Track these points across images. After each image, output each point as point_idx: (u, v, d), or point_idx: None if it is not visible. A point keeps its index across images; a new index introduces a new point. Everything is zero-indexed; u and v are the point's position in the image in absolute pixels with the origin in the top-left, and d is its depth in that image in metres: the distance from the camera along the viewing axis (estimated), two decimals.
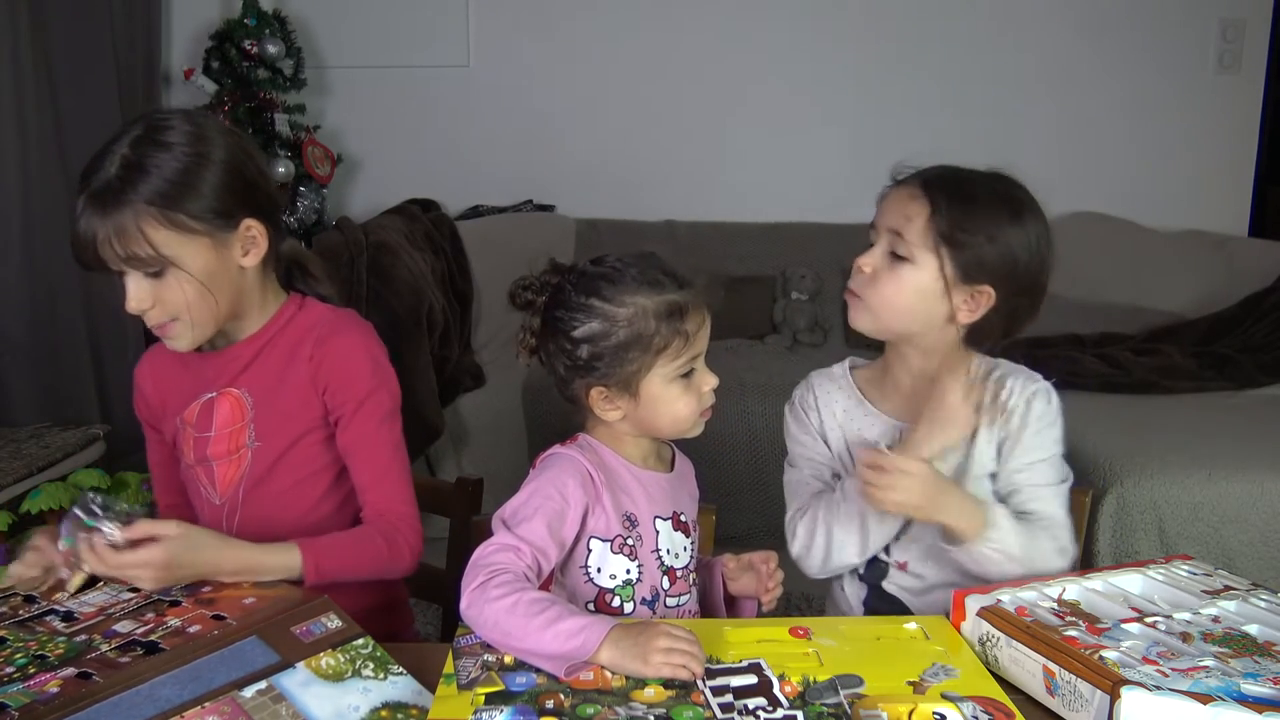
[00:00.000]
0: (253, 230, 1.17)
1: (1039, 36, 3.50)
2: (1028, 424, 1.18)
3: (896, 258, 1.15)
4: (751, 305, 3.34)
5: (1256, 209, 3.64)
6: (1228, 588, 1.03)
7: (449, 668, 0.90)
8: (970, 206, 1.14)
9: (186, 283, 1.12)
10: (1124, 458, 2.19)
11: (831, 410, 1.29)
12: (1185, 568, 1.09)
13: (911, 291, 1.16)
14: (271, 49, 3.20)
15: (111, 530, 1.02)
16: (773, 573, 1.16)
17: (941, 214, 1.13)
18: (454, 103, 3.57)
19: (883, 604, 1.25)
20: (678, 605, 1.13)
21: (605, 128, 3.59)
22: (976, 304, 1.16)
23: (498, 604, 0.93)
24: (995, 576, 1.10)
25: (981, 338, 1.21)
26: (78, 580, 1.05)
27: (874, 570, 1.25)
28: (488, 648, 0.94)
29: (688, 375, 1.10)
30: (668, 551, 1.12)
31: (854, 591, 1.28)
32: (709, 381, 1.12)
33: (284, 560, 1.10)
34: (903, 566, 1.23)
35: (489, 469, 1.92)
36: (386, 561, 1.18)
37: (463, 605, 0.96)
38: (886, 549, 1.23)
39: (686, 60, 3.54)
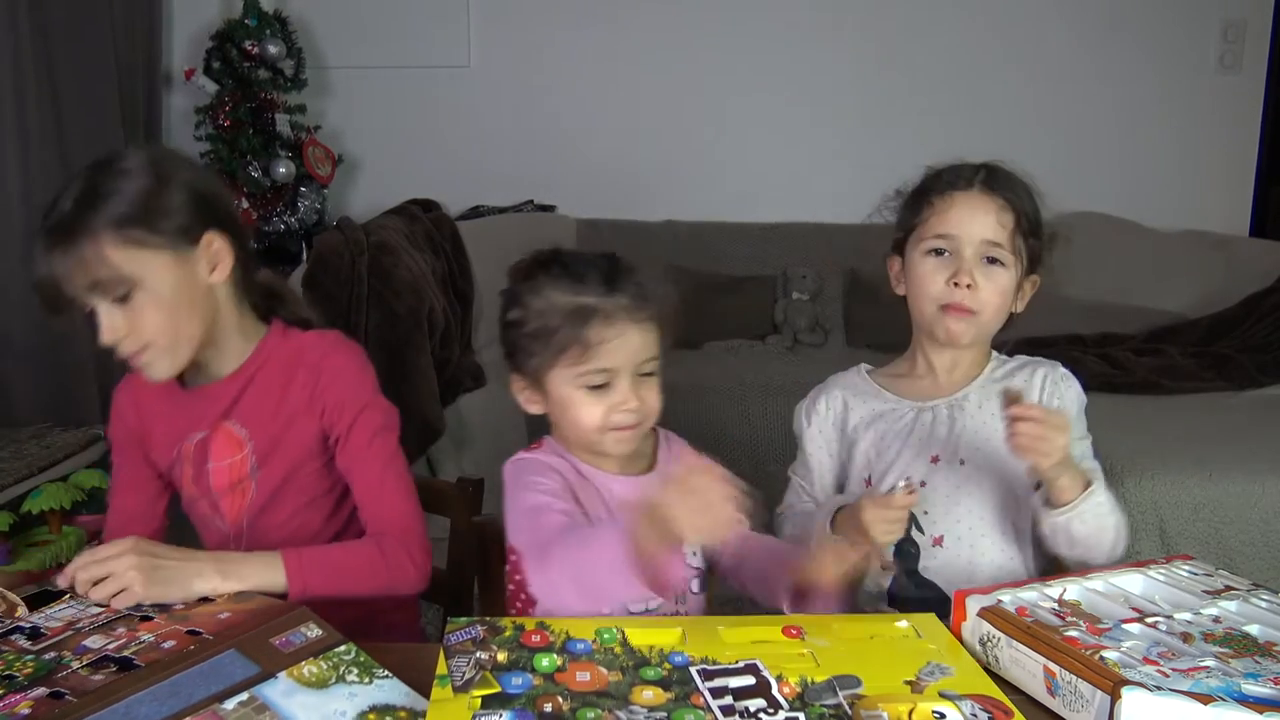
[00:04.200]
0: (215, 244, 1.14)
1: (1039, 36, 3.50)
2: (1070, 405, 1.25)
3: (989, 261, 1.21)
4: (752, 305, 3.34)
5: (1257, 209, 3.64)
6: (1229, 588, 1.02)
7: (442, 668, 0.89)
8: (1032, 206, 1.23)
9: (154, 305, 1.10)
10: (1124, 458, 2.18)
11: (861, 414, 1.31)
12: (1186, 568, 1.09)
13: (1007, 293, 1.23)
14: (272, 49, 3.20)
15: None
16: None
17: (1024, 219, 1.21)
18: (454, 103, 3.57)
19: (914, 590, 1.22)
20: (645, 611, 1.11)
21: (606, 128, 3.59)
22: (1027, 294, 1.26)
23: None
24: (1094, 540, 1.15)
25: (1006, 328, 1.28)
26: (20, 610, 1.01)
27: (904, 556, 1.23)
28: (479, 645, 0.94)
29: (601, 387, 1.07)
30: None
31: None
32: (625, 402, 1.08)
33: (265, 563, 1.07)
34: (939, 541, 1.22)
35: (489, 469, 1.91)
36: (386, 577, 1.14)
37: (535, 583, 1.02)
38: (919, 526, 1.22)
39: (687, 60, 3.55)
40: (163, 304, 1.10)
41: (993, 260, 1.20)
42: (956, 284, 1.20)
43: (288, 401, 1.20)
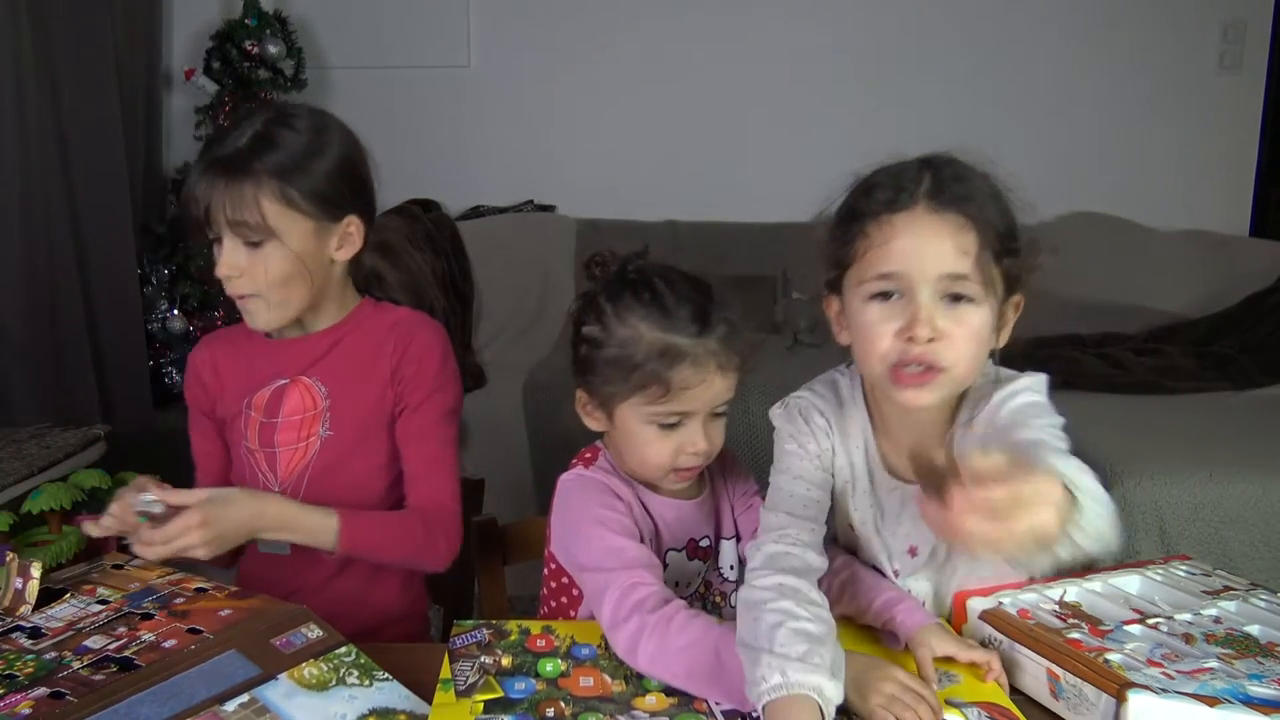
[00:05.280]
0: (352, 228, 1.21)
1: (1040, 37, 3.49)
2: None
3: (953, 300, 0.92)
4: (751, 305, 3.33)
5: (1257, 209, 3.64)
6: (1227, 588, 1.03)
7: (445, 672, 0.90)
8: (1000, 211, 0.94)
9: (280, 259, 1.16)
10: (1124, 458, 2.18)
11: (847, 450, 1.07)
12: (1183, 568, 1.09)
13: (983, 334, 0.93)
14: (272, 49, 3.20)
15: (152, 500, 1.06)
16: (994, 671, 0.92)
17: (991, 234, 0.92)
18: (454, 103, 3.56)
19: None
20: None
21: (605, 128, 3.58)
22: (1010, 320, 0.99)
23: (682, 644, 0.88)
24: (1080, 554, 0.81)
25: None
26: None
27: None
28: (485, 649, 0.94)
29: (673, 425, 1.04)
30: (676, 584, 1.11)
31: None
32: (694, 444, 1.04)
33: (321, 521, 1.13)
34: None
35: (489, 469, 1.91)
36: (421, 549, 1.19)
37: (630, 650, 0.91)
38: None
39: (687, 60, 3.54)
40: (287, 262, 1.16)
41: (958, 297, 0.91)
42: (913, 338, 0.91)
43: (372, 369, 1.24)
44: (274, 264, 1.16)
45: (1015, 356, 1.10)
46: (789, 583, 0.90)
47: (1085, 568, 1.08)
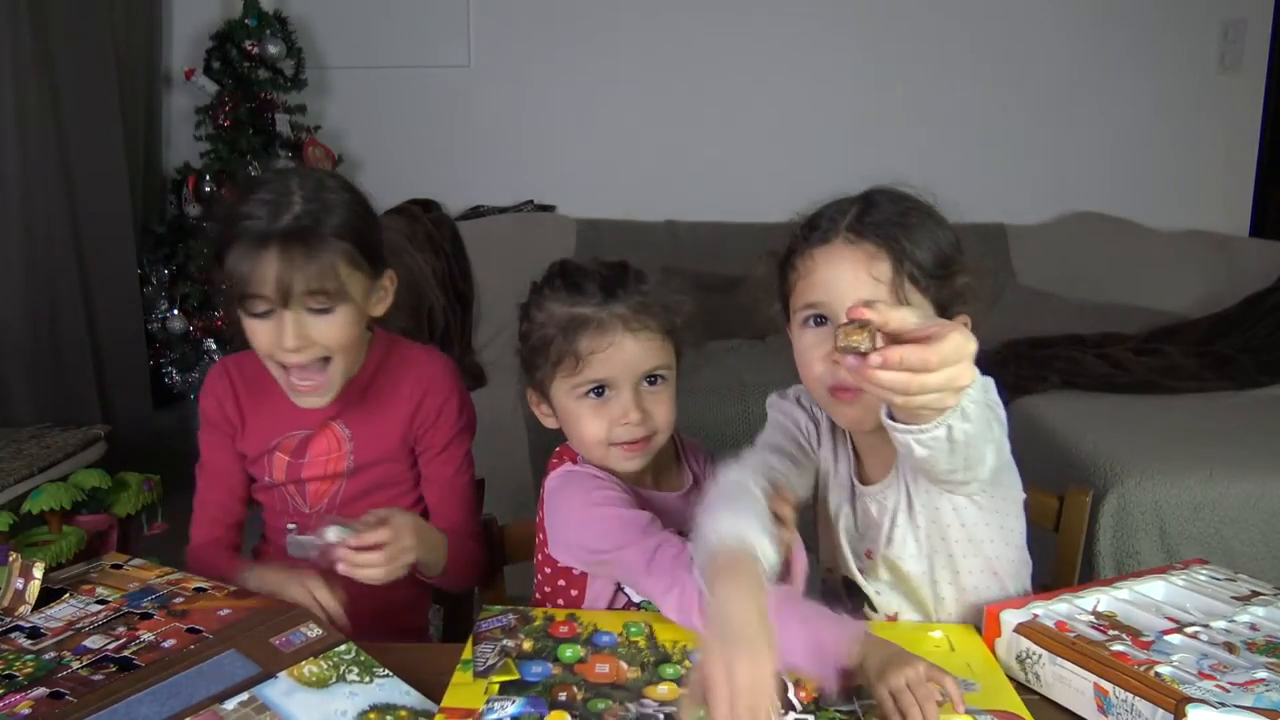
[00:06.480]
0: (388, 281, 1.21)
1: (1039, 36, 3.50)
2: None
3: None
4: (752, 305, 3.33)
5: (1257, 209, 3.64)
6: (1255, 593, 1.01)
7: (467, 653, 0.92)
8: (925, 240, 0.98)
9: (348, 322, 1.14)
10: (1124, 458, 2.18)
11: (834, 441, 1.13)
12: (1204, 572, 1.07)
13: None
14: (272, 49, 3.20)
15: (341, 536, 1.05)
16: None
17: (907, 262, 0.97)
18: (454, 103, 3.56)
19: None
20: None
21: (605, 128, 3.59)
22: None
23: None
24: (941, 466, 0.85)
25: None
26: None
27: (855, 599, 1.15)
28: (508, 633, 0.95)
29: (600, 394, 1.06)
30: None
31: None
32: (626, 414, 1.05)
33: (442, 540, 1.20)
34: (894, 619, 1.10)
35: (489, 469, 1.91)
36: (478, 572, 1.29)
37: (676, 610, 0.95)
38: (873, 606, 1.11)
39: (687, 60, 3.54)
40: (354, 324, 1.15)
41: None
42: (838, 361, 0.90)
43: (394, 411, 1.26)
44: (341, 328, 1.14)
45: (1020, 357, 1.12)
46: (763, 484, 0.96)
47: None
